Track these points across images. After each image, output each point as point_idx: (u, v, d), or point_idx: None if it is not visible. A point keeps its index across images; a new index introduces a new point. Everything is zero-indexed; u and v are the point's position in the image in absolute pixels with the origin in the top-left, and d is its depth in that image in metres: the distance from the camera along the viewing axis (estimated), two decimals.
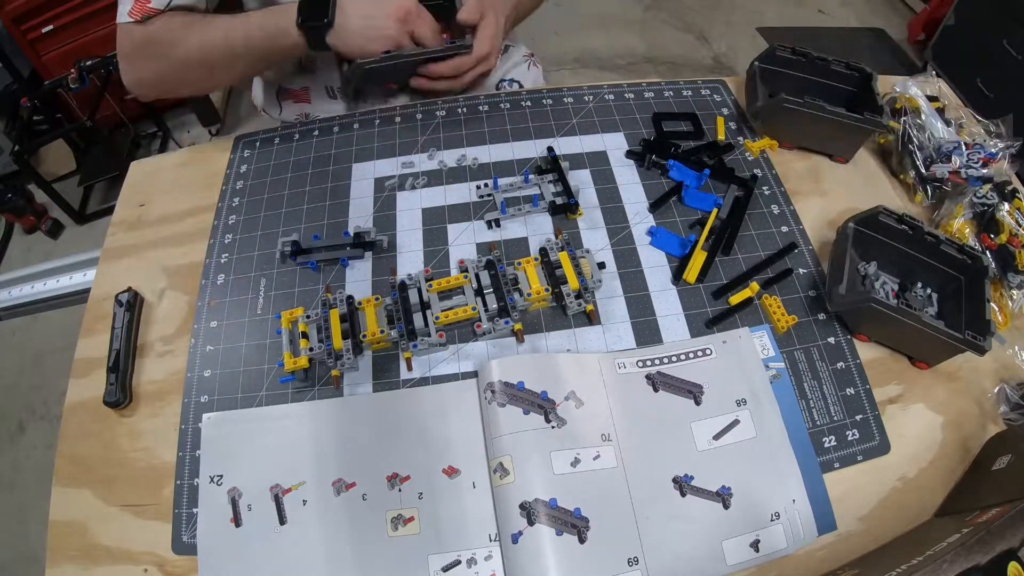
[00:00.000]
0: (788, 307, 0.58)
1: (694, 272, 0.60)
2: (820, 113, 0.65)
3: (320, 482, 0.50)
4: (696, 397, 0.53)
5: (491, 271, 0.59)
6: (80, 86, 1.61)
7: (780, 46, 0.72)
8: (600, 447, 0.50)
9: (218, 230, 0.67)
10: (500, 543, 0.47)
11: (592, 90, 0.77)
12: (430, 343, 0.55)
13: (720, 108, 0.76)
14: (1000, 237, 0.61)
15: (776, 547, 0.48)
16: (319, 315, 0.57)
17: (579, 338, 0.57)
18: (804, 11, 2.46)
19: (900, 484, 0.51)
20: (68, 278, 0.82)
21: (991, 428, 0.54)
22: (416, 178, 0.69)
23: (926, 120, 0.69)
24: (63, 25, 1.69)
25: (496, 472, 0.49)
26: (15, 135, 1.70)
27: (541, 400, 0.51)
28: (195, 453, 0.53)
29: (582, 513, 0.47)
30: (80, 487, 0.53)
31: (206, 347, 0.59)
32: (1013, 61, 1.72)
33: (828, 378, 0.55)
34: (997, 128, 0.69)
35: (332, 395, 0.55)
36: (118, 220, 0.70)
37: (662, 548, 0.47)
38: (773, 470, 0.50)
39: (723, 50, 2.31)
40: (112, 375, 0.56)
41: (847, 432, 0.53)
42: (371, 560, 0.47)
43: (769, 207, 0.66)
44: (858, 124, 0.64)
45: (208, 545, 0.49)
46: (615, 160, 0.70)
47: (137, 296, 0.62)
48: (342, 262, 0.63)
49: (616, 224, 0.65)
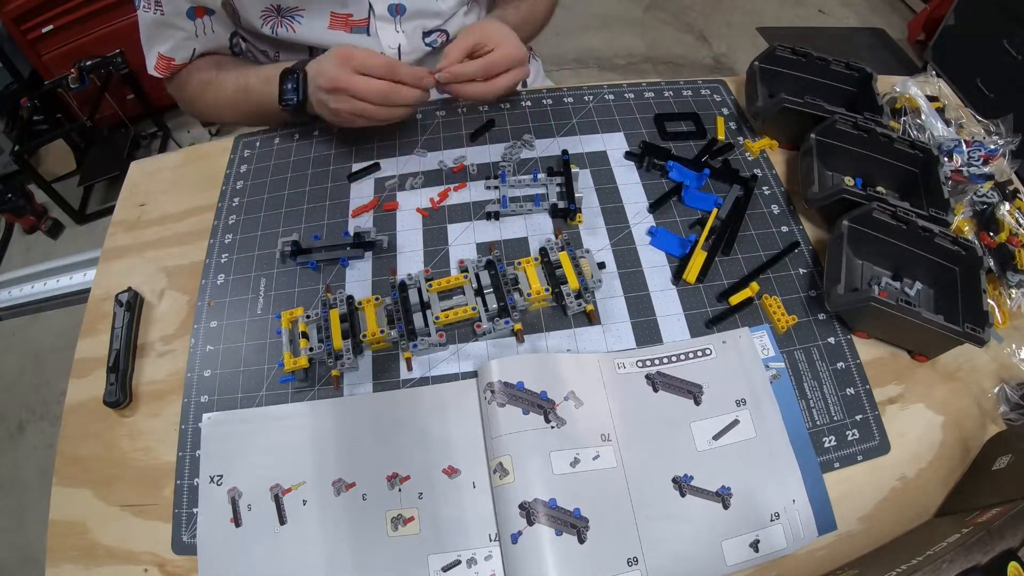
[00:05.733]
0: (788, 307, 0.58)
1: (694, 272, 0.60)
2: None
3: (320, 482, 0.50)
4: (696, 397, 0.53)
5: (491, 271, 0.59)
6: (80, 86, 1.61)
7: (780, 46, 0.72)
8: (600, 447, 0.50)
9: (218, 230, 0.67)
10: (500, 543, 0.47)
11: (592, 90, 0.77)
12: (430, 343, 0.55)
13: (720, 108, 0.76)
14: (1000, 236, 0.61)
15: (776, 547, 0.48)
16: (319, 315, 0.57)
17: (579, 338, 0.57)
18: (804, 11, 2.47)
19: (900, 484, 0.51)
20: (68, 278, 0.82)
21: (991, 428, 0.54)
22: (415, 178, 0.69)
23: (926, 120, 0.69)
24: (63, 25, 1.69)
25: (496, 472, 0.49)
26: (15, 135, 1.70)
27: (541, 400, 0.51)
28: (195, 453, 0.53)
29: (582, 513, 0.47)
30: (80, 487, 0.53)
31: (206, 347, 0.59)
32: (1013, 61, 1.72)
33: (828, 378, 0.55)
34: (997, 128, 0.69)
35: (332, 395, 0.55)
36: (118, 220, 0.70)
37: (662, 548, 0.47)
38: (773, 470, 0.50)
39: (723, 50, 2.31)
40: (112, 375, 0.56)
41: (847, 432, 0.53)
42: (371, 560, 0.47)
43: (769, 207, 0.66)
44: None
45: (208, 545, 0.49)
46: (615, 160, 0.70)
47: (137, 296, 0.62)
48: (342, 262, 0.63)
49: (616, 224, 0.65)
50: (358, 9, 0.72)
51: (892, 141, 0.62)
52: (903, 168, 0.64)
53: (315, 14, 0.71)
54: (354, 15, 0.73)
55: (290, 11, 0.70)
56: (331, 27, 0.73)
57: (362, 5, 0.72)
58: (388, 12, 0.74)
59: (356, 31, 0.74)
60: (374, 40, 0.75)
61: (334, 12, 0.72)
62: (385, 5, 0.73)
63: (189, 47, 0.71)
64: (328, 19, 0.72)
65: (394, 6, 0.73)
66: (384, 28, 0.75)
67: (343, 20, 0.73)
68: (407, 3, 0.74)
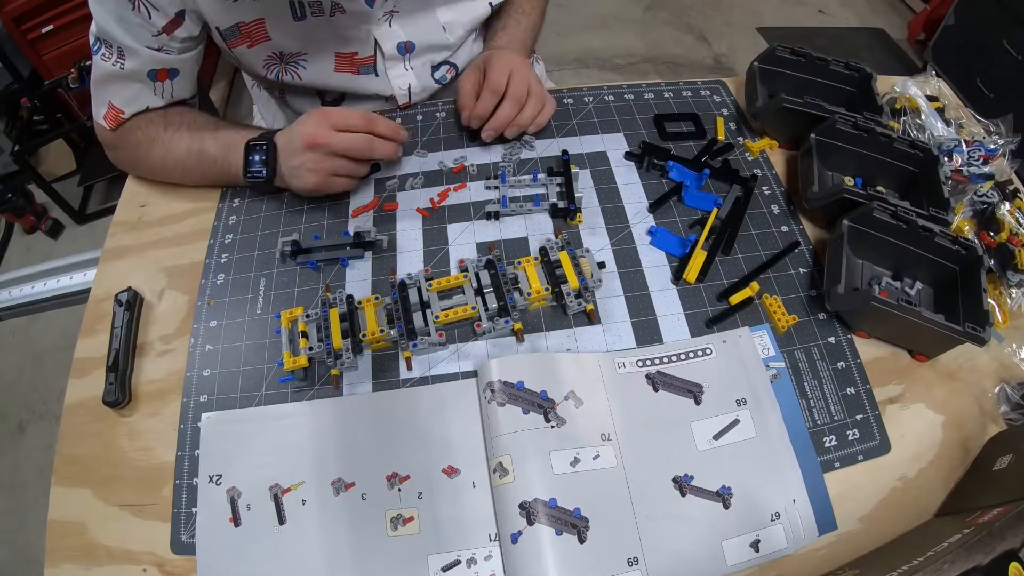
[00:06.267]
0: (788, 307, 0.58)
1: (694, 272, 0.60)
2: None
3: (319, 482, 0.50)
4: (696, 397, 0.53)
5: (491, 270, 0.59)
6: (80, 86, 1.61)
7: (780, 46, 0.72)
8: (600, 447, 0.50)
9: (218, 230, 0.67)
10: (500, 543, 0.47)
11: (592, 91, 0.77)
12: (430, 342, 0.55)
13: (720, 108, 0.76)
14: (1000, 235, 0.61)
15: (776, 547, 0.48)
16: (319, 315, 0.57)
17: (579, 338, 0.57)
18: (804, 11, 2.46)
19: (900, 484, 0.51)
20: (68, 278, 0.82)
21: (991, 428, 0.54)
22: (415, 178, 0.69)
23: (926, 120, 0.69)
24: (63, 25, 1.68)
25: (496, 472, 0.49)
26: (15, 135, 1.70)
27: (541, 400, 0.51)
28: (194, 453, 0.53)
29: (582, 513, 0.47)
30: (79, 487, 0.53)
31: (206, 347, 0.59)
32: (1013, 61, 1.72)
33: (828, 378, 0.55)
34: (997, 128, 0.69)
35: (332, 395, 0.55)
36: (119, 220, 0.70)
37: (662, 548, 0.47)
38: (773, 470, 0.50)
39: (723, 50, 2.31)
40: (112, 375, 0.56)
41: (847, 432, 0.53)
42: (371, 560, 0.47)
43: (769, 207, 0.66)
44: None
45: (207, 545, 0.49)
46: (615, 160, 0.70)
47: (137, 296, 0.62)
48: (342, 262, 0.62)
49: (616, 224, 0.65)
50: (363, 48, 0.70)
51: (892, 141, 0.62)
52: (903, 168, 0.64)
53: (319, 57, 0.70)
54: (359, 53, 0.71)
55: (293, 56, 0.69)
56: (337, 70, 0.71)
57: (368, 43, 0.70)
58: (397, 51, 0.72)
59: (363, 71, 0.72)
60: (383, 80, 0.73)
61: (338, 53, 0.70)
62: (394, 44, 0.71)
63: (143, 103, 0.65)
64: (333, 61, 0.70)
65: (403, 44, 0.72)
66: (393, 67, 0.73)
67: (348, 60, 0.71)
68: (416, 40, 0.72)
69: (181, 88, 0.67)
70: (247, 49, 0.67)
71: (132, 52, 0.61)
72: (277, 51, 0.68)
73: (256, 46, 0.66)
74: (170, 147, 0.66)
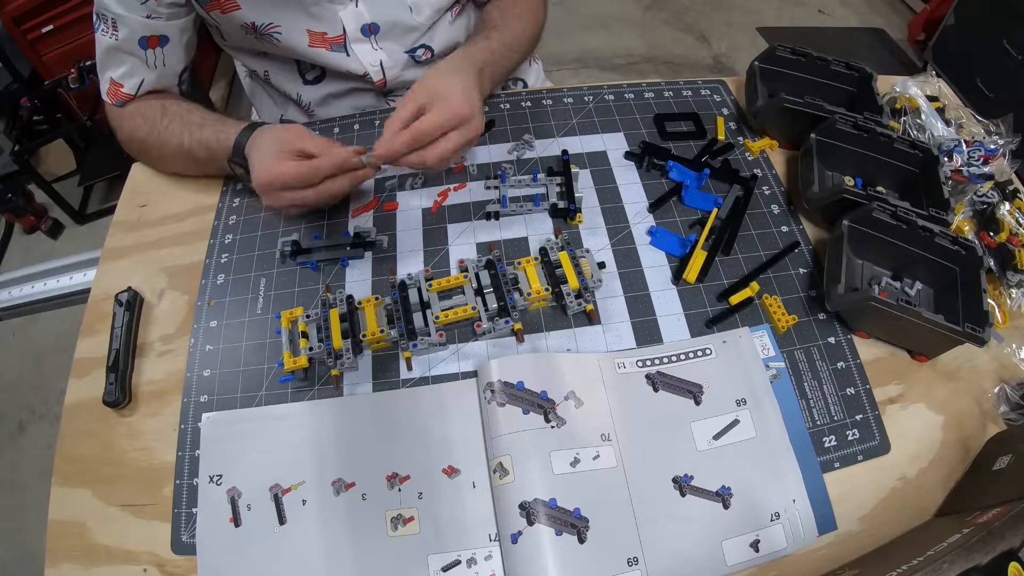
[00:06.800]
0: (788, 307, 0.58)
1: (694, 272, 0.60)
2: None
3: (320, 482, 0.50)
4: (696, 397, 0.53)
5: (491, 271, 0.59)
6: (80, 86, 1.61)
7: (780, 46, 0.72)
8: (600, 447, 0.50)
9: (218, 230, 0.67)
10: (500, 543, 0.47)
11: (592, 90, 0.77)
12: (430, 343, 0.55)
13: (720, 108, 0.76)
14: (1000, 236, 0.61)
15: (776, 547, 0.48)
16: (319, 315, 0.57)
17: (579, 338, 0.57)
18: (804, 11, 2.46)
19: (900, 484, 0.51)
20: (68, 278, 0.82)
21: (991, 428, 0.54)
22: (415, 178, 0.69)
23: (926, 120, 0.69)
24: (63, 25, 1.68)
25: (496, 472, 0.49)
26: (15, 135, 1.70)
27: (541, 400, 0.51)
28: (195, 453, 0.53)
29: (582, 513, 0.47)
30: (80, 487, 0.53)
31: (206, 347, 0.59)
32: (1013, 61, 1.72)
33: (828, 378, 0.55)
34: (997, 128, 0.69)
35: (332, 395, 0.55)
36: (119, 220, 0.70)
37: (662, 548, 0.47)
38: (773, 470, 0.50)
39: (723, 50, 2.30)
40: (112, 375, 0.56)
41: (847, 432, 0.53)
42: (371, 560, 0.47)
43: (769, 207, 0.66)
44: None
45: (207, 545, 0.49)
46: (615, 160, 0.70)
47: (137, 296, 0.62)
48: (342, 262, 0.62)
49: (616, 224, 0.65)
50: (331, 27, 0.71)
51: (892, 141, 0.62)
52: (903, 168, 0.64)
53: (292, 30, 0.70)
54: (328, 33, 0.71)
55: (266, 28, 0.69)
56: (311, 44, 0.71)
57: (335, 23, 0.71)
58: (361, 33, 0.72)
59: (335, 49, 0.73)
60: (353, 60, 0.73)
61: (310, 30, 0.70)
62: (357, 25, 0.71)
63: (139, 76, 0.68)
64: (307, 36, 0.71)
65: (367, 26, 0.72)
66: (360, 47, 0.73)
67: (320, 38, 0.71)
68: (380, 21, 0.72)
69: (172, 57, 0.69)
70: (221, 15, 0.68)
71: (123, 21, 0.64)
72: (250, 21, 0.69)
73: (228, 13, 0.68)
74: (165, 137, 0.68)
